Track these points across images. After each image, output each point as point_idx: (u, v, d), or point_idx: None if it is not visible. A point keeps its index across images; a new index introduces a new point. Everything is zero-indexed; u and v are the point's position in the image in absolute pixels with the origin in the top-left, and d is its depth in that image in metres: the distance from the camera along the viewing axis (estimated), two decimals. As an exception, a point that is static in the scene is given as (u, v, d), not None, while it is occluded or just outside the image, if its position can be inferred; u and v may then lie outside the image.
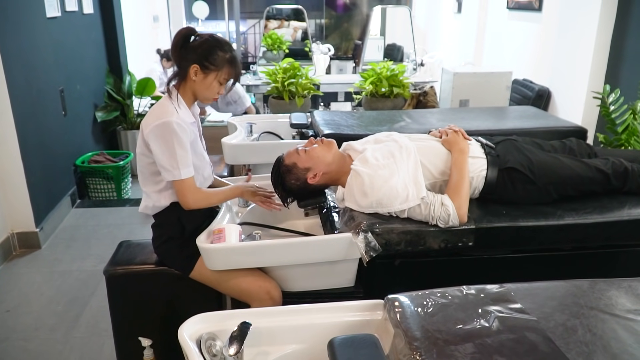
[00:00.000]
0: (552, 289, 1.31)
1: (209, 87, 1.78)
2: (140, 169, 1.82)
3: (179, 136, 1.69)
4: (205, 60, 1.73)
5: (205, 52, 1.73)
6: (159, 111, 1.72)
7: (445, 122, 2.57)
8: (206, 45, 1.74)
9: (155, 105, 1.78)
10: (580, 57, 3.76)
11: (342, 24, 9.07)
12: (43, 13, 3.50)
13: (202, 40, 1.75)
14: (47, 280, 2.93)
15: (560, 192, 1.86)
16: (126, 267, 1.88)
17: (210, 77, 1.76)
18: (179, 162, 1.70)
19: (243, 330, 1.17)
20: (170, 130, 1.68)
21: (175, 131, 1.68)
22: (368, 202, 1.72)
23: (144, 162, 1.79)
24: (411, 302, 1.24)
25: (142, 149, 1.78)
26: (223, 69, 1.76)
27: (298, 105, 3.67)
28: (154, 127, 1.69)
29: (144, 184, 1.83)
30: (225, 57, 1.75)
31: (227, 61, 1.76)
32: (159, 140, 1.69)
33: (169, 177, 1.72)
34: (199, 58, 1.73)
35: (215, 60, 1.74)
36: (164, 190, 1.80)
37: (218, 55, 1.74)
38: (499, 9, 5.13)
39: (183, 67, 1.76)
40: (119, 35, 4.85)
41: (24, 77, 3.22)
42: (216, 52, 1.74)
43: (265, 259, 1.74)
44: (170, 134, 1.68)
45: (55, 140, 3.65)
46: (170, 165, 1.70)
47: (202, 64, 1.73)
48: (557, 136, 2.35)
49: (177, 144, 1.69)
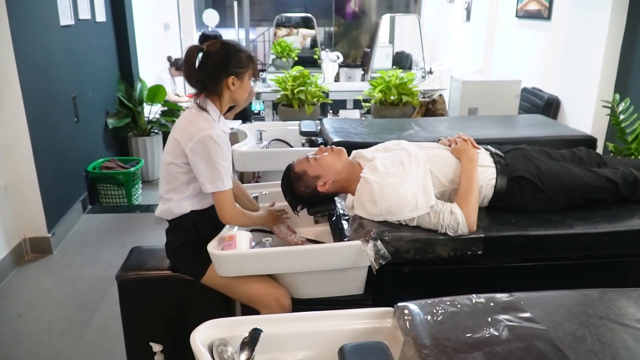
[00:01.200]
0: (562, 298, 1.32)
1: (246, 88, 1.84)
2: (168, 177, 1.82)
3: (222, 148, 1.72)
4: (235, 68, 1.78)
5: (232, 60, 1.77)
6: (199, 125, 1.73)
7: (454, 131, 2.58)
8: (228, 53, 1.77)
9: (189, 118, 1.77)
10: (590, 65, 3.76)
11: (351, 31, 9.11)
12: (57, 21, 3.56)
13: (219, 50, 1.77)
14: (58, 285, 2.96)
15: (569, 201, 1.87)
16: (138, 272, 1.90)
17: (245, 79, 1.82)
18: (223, 174, 1.73)
19: (254, 337, 1.18)
20: (213, 143, 1.70)
21: (217, 144, 1.71)
22: (377, 210, 1.73)
23: (174, 171, 1.80)
24: (421, 310, 1.25)
25: (174, 158, 1.78)
26: (250, 66, 1.82)
27: (307, 113, 3.70)
28: (196, 141, 1.70)
29: (167, 191, 1.84)
30: (246, 55, 1.81)
31: (250, 58, 1.82)
32: (202, 153, 1.71)
33: (212, 189, 1.74)
34: (229, 69, 1.77)
35: (243, 62, 1.79)
36: (188, 199, 1.82)
37: (242, 57, 1.79)
38: (508, 17, 5.14)
39: (215, 82, 1.77)
40: (130, 43, 4.91)
41: (38, 83, 3.27)
42: (239, 54, 1.79)
43: (275, 265, 1.75)
44: (213, 146, 1.70)
45: (67, 146, 3.69)
46: (214, 177, 1.72)
47: (234, 72, 1.77)
48: (566, 145, 2.36)
49: (220, 156, 1.72)
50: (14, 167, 3.13)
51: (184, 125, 1.77)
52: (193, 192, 1.81)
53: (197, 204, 1.83)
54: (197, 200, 1.83)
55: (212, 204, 1.83)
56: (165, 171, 1.83)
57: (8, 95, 2.99)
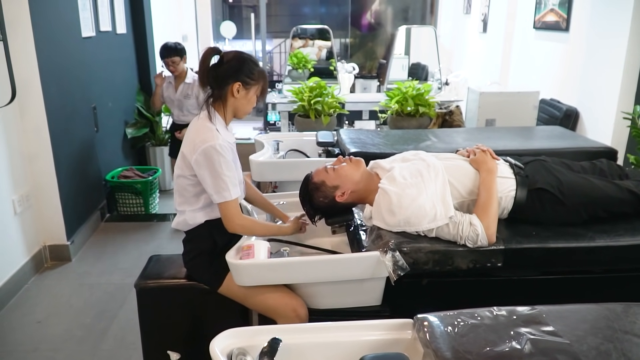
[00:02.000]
0: (585, 312, 1.30)
1: (250, 101, 1.83)
2: (180, 190, 1.85)
3: (225, 158, 1.73)
4: (246, 77, 1.78)
5: (244, 69, 1.78)
6: (202, 136, 1.74)
7: (472, 142, 2.57)
8: (242, 62, 1.79)
9: (195, 129, 1.80)
10: (610, 77, 3.72)
11: (366, 43, 9.15)
12: (79, 33, 3.63)
13: (235, 57, 1.80)
14: (76, 293, 2.99)
15: (590, 214, 1.84)
16: (157, 280, 1.91)
17: (251, 91, 1.82)
18: (228, 184, 1.74)
19: (273, 347, 1.18)
20: (216, 154, 1.71)
21: (220, 154, 1.72)
22: (396, 221, 1.72)
23: (184, 183, 1.82)
24: (441, 322, 1.24)
25: (182, 171, 1.81)
26: (260, 82, 1.83)
27: (324, 124, 3.71)
28: (200, 153, 1.72)
29: (180, 203, 1.86)
30: (259, 70, 1.83)
31: (262, 74, 1.83)
32: (205, 164, 1.72)
33: (218, 199, 1.75)
34: (239, 75, 1.78)
35: (254, 74, 1.80)
36: (200, 210, 1.83)
37: (255, 70, 1.81)
38: (526, 28, 5.12)
39: (221, 86, 1.79)
40: (149, 54, 4.98)
41: (60, 94, 3.33)
42: (253, 66, 1.80)
43: (293, 275, 1.75)
44: (217, 156, 1.71)
45: (86, 155, 3.75)
46: (219, 187, 1.73)
47: (243, 80, 1.78)
48: (586, 157, 2.33)
49: (224, 166, 1.73)
50: (36, 176, 3.18)
51: (189, 137, 1.79)
52: (205, 203, 1.83)
53: (210, 213, 1.84)
54: (210, 210, 1.84)
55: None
56: (176, 184, 1.86)
57: (31, 106, 3.06)
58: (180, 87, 3.98)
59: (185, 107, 4.03)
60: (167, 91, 4.05)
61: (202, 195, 1.82)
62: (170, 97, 4.06)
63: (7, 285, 2.87)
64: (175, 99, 4.03)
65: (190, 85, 3.96)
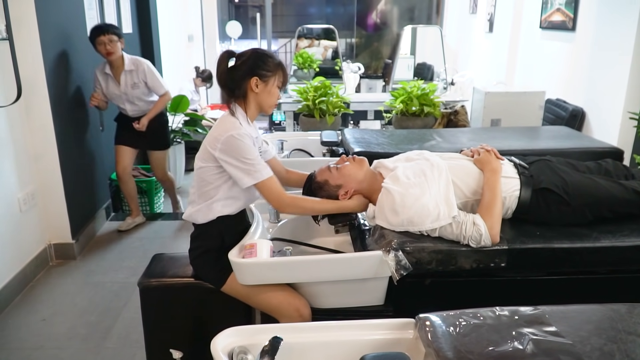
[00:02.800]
0: (589, 313, 1.29)
1: (271, 93, 1.84)
2: (199, 182, 1.84)
3: (246, 144, 1.74)
4: (261, 70, 1.80)
5: (258, 63, 1.80)
6: (221, 127, 1.77)
7: (477, 142, 2.56)
8: (256, 57, 1.81)
9: (217, 123, 1.83)
10: (616, 77, 3.70)
11: (372, 43, 9.14)
12: (84, 32, 3.64)
13: (249, 54, 1.82)
14: (81, 291, 3.00)
15: (596, 214, 1.83)
16: (159, 279, 1.91)
17: (269, 83, 1.82)
18: (255, 165, 1.74)
19: (274, 345, 1.18)
20: (236, 141, 1.73)
21: (241, 140, 1.73)
22: (399, 221, 1.72)
23: (205, 174, 1.81)
24: (443, 321, 1.23)
25: (205, 162, 1.80)
26: (277, 73, 1.83)
27: (328, 123, 3.71)
28: (222, 143, 1.73)
29: (198, 195, 1.85)
30: (275, 62, 1.83)
31: (278, 65, 1.83)
32: (229, 152, 1.73)
33: (250, 181, 1.74)
34: (254, 70, 1.79)
35: (269, 66, 1.81)
36: (217, 202, 1.83)
37: (270, 62, 1.81)
38: (532, 28, 5.10)
39: (240, 85, 1.80)
40: (155, 53, 5.00)
41: (65, 93, 3.34)
42: (266, 59, 1.81)
43: (296, 274, 1.75)
44: (237, 143, 1.73)
45: (92, 154, 3.76)
46: (247, 170, 1.74)
47: (259, 74, 1.79)
48: (591, 157, 2.32)
49: (247, 152, 1.73)
50: (41, 174, 3.20)
51: (211, 133, 1.81)
52: (222, 196, 1.82)
53: (225, 208, 1.83)
54: (226, 204, 1.83)
55: (240, 209, 1.87)
56: (196, 176, 1.85)
57: (37, 104, 3.07)
58: (122, 77, 3.48)
59: (137, 97, 3.56)
60: (108, 88, 3.52)
61: (223, 186, 1.81)
62: (115, 93, 3.53)
63: (13, 283, 2.88)
64: (121, 93, 3.53)
65: (134, 72, 3.49)
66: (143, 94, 3.58)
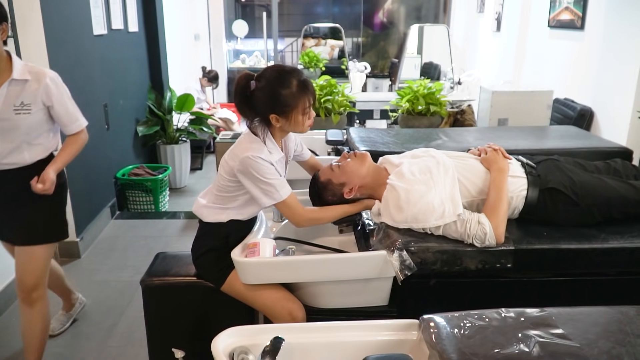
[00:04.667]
0: (596, 315, 1.26)
1: (296, 123, 1.74)
2: (219, 186, 1.80)
3: (261, 164, 1.68)
4: (278, 107, 1.69)
5: (274, 101, 1.68)
6: (242, 145, 1.72)
7: (483, 141, 2.53)
8: (270, 92, 1.68)
9: (241, 139, 1.76)
10: (625, 76, 3.65)
11: (379, 42, 9.12)
12: (90, 31, 3.65)
13: (265, 85, 1.69)
14: (85, 289, 2.99)
15: (604, 215, 1.80)
16: (162, 278, 1.90)
17: (291, 116, 1.72)
18: (274, 185, 1.71)
19: (276, 345, 1.16)
20: (252, 162, 1.68)
21: (257, 162, 1.68)
22: (403, 217, 1.69)
23: (225, 182, 1.77)
24: (447, 323, 1.21)
25: (226, 175, 1.75)
26: (299, 103, 1.70)
27: (334, 122, 3.69)
28: (239, 163, 1.69)
29: (215, 196, 1.81)
30: (293, 91, 1.68)
31: (299, 92, 1.69)
32: (246, 173, 1.70)
33: (269, 202, 1.72)
34: (271, 108, 1.70)
35: (287, 100, 1.68)
36: (230, 209, 1.81)
37: (287, 95, 1.68)
38: (540, 27, 5.06)
39: (260, 114, 1.73)
40: (161, 52, 5.00)
41: (71, 92, 3.33)
42: (281, 94, 1.67)
43: (299, 274, 1.73)
44: (254, 165, 1.68)
45: (97, 153, 3.76)
46: (265, 192, 1.71)
47: (276, 111, 1.70)
48: (600, 157, 2.28)
49: (264, 173, 1.69)
50: (46, 172, 3.19)
51: (233, 146, 1.77)
52: (238, 205, 1.80)
53: (238, 214, 1.81)
54: (240, 212, 1.81)
55: (252, 215, 1.85)
56: (219, 178, 1.81)
57: (42, 102, 3.06)
58: (4, 88, 1.92)
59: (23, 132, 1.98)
60: None
61: (239, 198, 1.79)
62: None
63: (17, 281, 2.88)
64: None
65: (29, 87, 1.97)
66: (36, 127, 2.02)
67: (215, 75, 6.34)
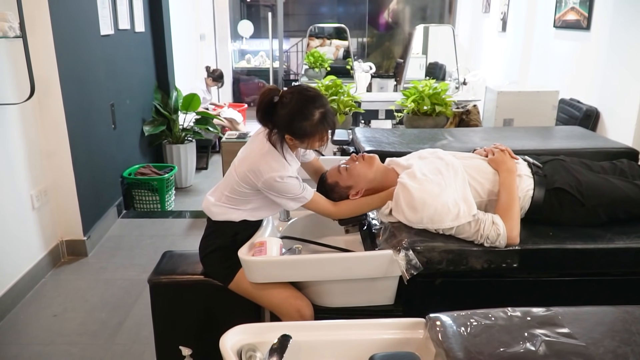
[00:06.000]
0: (602, 314, 1.26)
1: (310, 147, 1.78)
2: (230, 186, 1.80)
3: (288, 184, 1.71)
4: (296, 133, 1.70)
5: (293, 126, 1.68)
6: (267, 163, 1.71)
7: (489, 141, 2.53)
8: (291, 117, 1.67)
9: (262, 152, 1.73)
10: (631, 76, 3.64)
11: (384, 42, 9.11)
12: (97, 31, 3.67)
13: (287, 109, 1.67)
14: (92, 288, 3.02)
15: (610, 215, 1.80)
16: (169, 276, 1.92)
17: (307, 142, 1.73)
18: (299, 191, 1.74)
19: (283, 343, 1.17)
20: (278, 184, 1.70)
21: (282, 183, 1.70)
22: (418, 218, 1.70)
23: (238, 186, 1.77)
24: (453, 321, 1.22)
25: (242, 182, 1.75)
26: (317, 134, 1.70)
27: (339, 122, 3.69)
28: (264, 182, 1.70)
29: (226, 197, 1.80)
30: (313, 122, 1.67)
31: (319, 124, 1.68)
32: (270, 190, 1.73)
33: (296, 205, 1.77)
34: (288, 130, 1.70)
35: (306, 129, 1.68)
36: (243, 211, 1.81)
37: (306, 126, 1.67)
38: (546, 28, 5.04)
39: (277, 128, 1.72)
40: (167, 52, 5.02)
41: (78, 92, 3.37)
42: (301, 123, 1.67)
43: (305, 273, 1.74)
44: (279, 186, 1.71)
45: (104, 152, 3.79)
46: (291, 198, 1.75)
47: (294, 135, 1.71)
48: (606, 157, 2.28)
49: (290, 190, 1.72)
50: (54, 172, 3.22)
51: (252, 157, 1.74)
52: (250, 207, 1.82)
53: (249, 215, 1.83)
54: (251, 214, 1.83)
55: (264, 217, 1.88)
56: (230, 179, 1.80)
57: (50, 103, 3.09)
58: None
59: None
60: None
61: (255, 201, 1.80)
62: None
63: (25, 279, 2.91)
64: None
65: None
66: None
67: (220, 74, 6.35)
